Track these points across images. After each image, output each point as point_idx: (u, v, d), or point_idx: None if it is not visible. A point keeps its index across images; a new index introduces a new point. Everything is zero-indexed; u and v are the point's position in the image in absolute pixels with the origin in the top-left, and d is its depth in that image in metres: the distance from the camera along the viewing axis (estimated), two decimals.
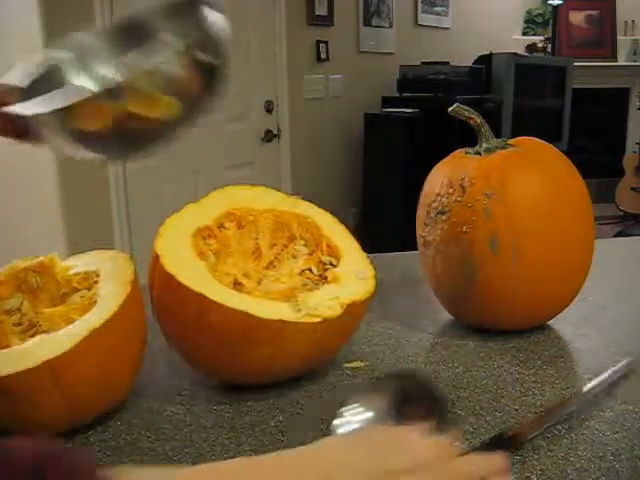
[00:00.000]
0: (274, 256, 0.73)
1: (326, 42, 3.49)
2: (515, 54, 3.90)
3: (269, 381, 0.66)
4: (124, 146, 0.53)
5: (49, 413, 0.55)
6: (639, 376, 0.66)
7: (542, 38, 5.33)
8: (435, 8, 4.37)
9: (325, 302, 0.63)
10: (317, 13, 3.40)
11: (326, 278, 0.69)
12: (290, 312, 0.61)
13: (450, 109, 0.75)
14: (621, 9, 5.39)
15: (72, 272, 0.67)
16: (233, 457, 0.54)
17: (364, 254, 0.73)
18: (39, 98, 0.54)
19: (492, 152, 0.73)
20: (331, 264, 0.71)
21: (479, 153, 0.74)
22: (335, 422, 0.49)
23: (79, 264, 0.68)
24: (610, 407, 0.60)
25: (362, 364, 0.71)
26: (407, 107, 3.59)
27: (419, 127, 3.51)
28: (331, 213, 0.75)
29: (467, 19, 4.63)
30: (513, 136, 0.78)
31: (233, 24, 0.57)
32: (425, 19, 4.28)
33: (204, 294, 0.59)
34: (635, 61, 5.38)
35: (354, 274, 0.68)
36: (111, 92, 0.49)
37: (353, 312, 0.65)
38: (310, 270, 0.71)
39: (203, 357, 0.64)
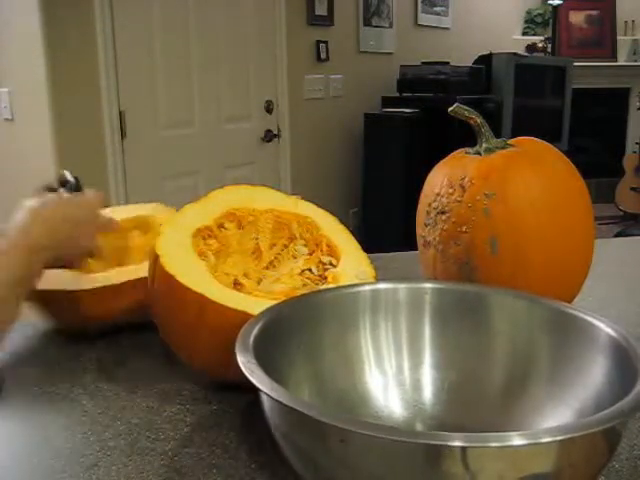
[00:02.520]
0: (274, 256, 0.73)
1: (326, 42, 3.49)
2: (515, 54, 3.91)
3: None
4: None
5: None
6: None
7: (542, 38, 5.33)
8: (435, 8, 4.38)
9: None
10: (317, 13, 3.40)
11: (326, 278, 0.69)
12: None
13: (450, 109, 0.75)
14: (621, 9, 5.39)
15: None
16: (233, 457, 0.54)
17: (364, 254, 0.73)
18: None
19: (492, 152, 0.73)
20: (331, 264, 0.71)
21: (479, 153, 0.74)
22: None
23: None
24: None
25: None
26: (407, 107, 3.60)
27: (419, 127, 3.51)
28: (331, 213, 0.75)
29: (467, 19, 4.63)
30: (513, 136, 0.78)
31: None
32: (425, 19, 4.28)
33: (204, 294, 0.59)
34: (635, 61, 5.38)
35: (354, 274, 0.68)
36: None
37: None
38: (310, 270, 0.71)
39: (203, 357, 0.64)
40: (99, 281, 0.76)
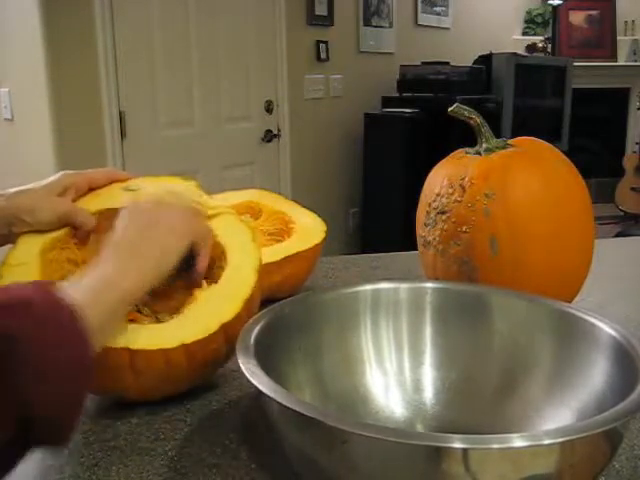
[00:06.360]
0: None
1: (326, 42, 3.49)
2: (515, 54, 3.90)
3: None
4: None
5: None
6: None
7: (542, 38, 5.33)
8: (435, 8, 4.37)
9: None
10: (317, 13, 3.40)
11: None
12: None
13: (450, 109, 0.75)
14: (621, 9, 5.39)
15: None
16: (233, 457, 0.54)
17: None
18: None
19: (492, 152, 0.73)
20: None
21: (479, 153, 0.74)
22: None
23: None
24: None
25: None
26: (407, 107, 3.59)
27: (419, 127, 3.51)
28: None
29: (467, 19, 4.63)
30: (513, 136, 0.78)
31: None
32: (425, 19, 4.28)
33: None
34: (635, 61, 5.38)
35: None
36: None
37: None
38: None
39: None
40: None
